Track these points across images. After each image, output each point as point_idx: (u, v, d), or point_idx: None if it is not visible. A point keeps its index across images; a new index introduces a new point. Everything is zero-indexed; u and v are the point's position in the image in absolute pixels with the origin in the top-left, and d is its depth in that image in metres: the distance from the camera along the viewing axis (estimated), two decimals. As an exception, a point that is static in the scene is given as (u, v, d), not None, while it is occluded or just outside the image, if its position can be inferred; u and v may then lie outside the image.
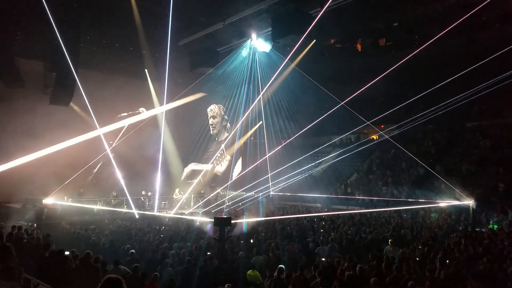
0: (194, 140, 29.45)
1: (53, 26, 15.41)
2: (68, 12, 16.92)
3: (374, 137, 30.57)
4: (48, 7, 14.61)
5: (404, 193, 22.26)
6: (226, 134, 30.96)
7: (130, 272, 7.95)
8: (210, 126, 30.84)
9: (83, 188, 22.10)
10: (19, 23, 17.51)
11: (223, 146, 30.01)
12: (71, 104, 20.48)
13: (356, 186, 26.05)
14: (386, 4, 20.23)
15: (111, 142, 22.19)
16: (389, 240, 11.47)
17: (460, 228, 15.79)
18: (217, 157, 30.10)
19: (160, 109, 24.95)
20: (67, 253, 8.49)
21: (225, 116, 31.09)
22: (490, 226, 16.13)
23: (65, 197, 19.75)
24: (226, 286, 7.00)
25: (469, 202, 16.83)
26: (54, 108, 19.89)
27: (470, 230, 14.88)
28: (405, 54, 17.41)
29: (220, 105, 31.09)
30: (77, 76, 17.87)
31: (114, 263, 8.33)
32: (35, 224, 15.10)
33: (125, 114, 24.85)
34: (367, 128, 27.58)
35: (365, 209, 20.62)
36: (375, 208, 20.26)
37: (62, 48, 16.28)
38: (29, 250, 9.46)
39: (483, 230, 15.09)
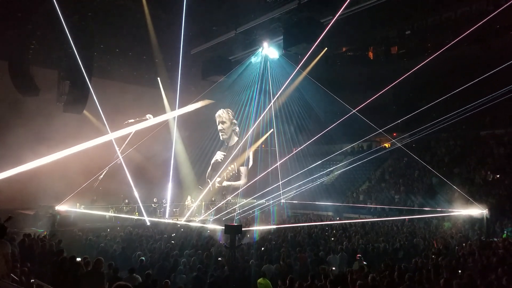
0: (206, 147, 29.55)
1: (67, 34, 15.68)
2: (82, 21, 17.21)
3: (387, 145, 30.32)
4: (62, 16, 14.90)
5: (417, 201, 21.98)
6: (236, 139, 30.87)
7: (140, 279, 7.98)
8: (219, 132, 30.70)
9: (96, 195, 22.30)
10: (34, 32, 17.88)
11: (234, 162, 30.01)
12: (85, 112, 20.73)
13: (368, 194, 25.81)
14: (398, 12, 20.19)
15: (117, 149, 22.33)
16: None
17: (475, 237, 15.51)
18: (227, 171, 30.08)
19: (168, 116, 25.14)
20: (78, 259, 8.56)
21: (234, 121, 30.99)
22: (504, 235, 15.82)
23: (78, 204, 19.93)
24: None
25: (483, 211, 16.54)
26: (68, 116, 20.16)
27: (484, 239, 14.60)
28: (418, 62, 17.31)
29: (229, 110, 30.92)
30: (90, 84, 18.11)
31: (129, 271, 8.33)
32: (47, 231, 15.20)
33: (132, 120, 25.02)
34: (379, 136, 27.38)
35: (377, 217, 20.40)
36: (387, 217, 20.03)
37: (76, 56, 16.54)
38: (41, 257, 9.57)
39: (498, 239, 14.78)
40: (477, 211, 16.82)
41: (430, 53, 18.46)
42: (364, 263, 10.03)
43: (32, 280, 7.15)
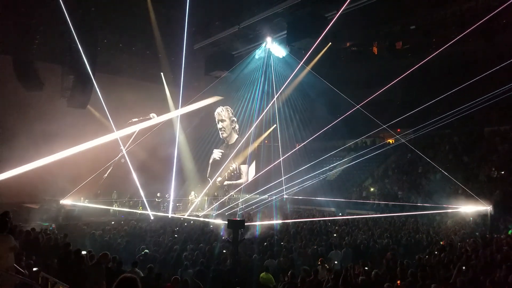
0: (209, 142, 29.58)
1: (71, 29, 15.72)
2: (86, 16, 17.21)
3: (390, 141, 30.23)
4: (66, 11, 14.92)
5: (420, 198, 21.94)
6: (236, 137, 30.76)
7: (141, 274, 8.01)
8: (219, 130, 30.53)
9: (100, 189, 22.42)
10: (38, 27, 17.90)
11: (234, 163, 29.96)
12: (88, 106, 20.80)
13: (372, 190, 25.77)
14: (403, 7, 20.05)
15: (120, 148, 22.39)
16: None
17: (477, 234, 15.47)
18: (228, 170, 30.02)
19: (172, 114, 25.18)
20: (83, 252, 8.62)
21: (233, 118, 30.86)
22: (510, 232, 15.76)
23: (82, 198, 20.05)
24: None
25: (487, 207, 16.50)
26: (72, 111, 20.23)
27: (488, 236, 14.56)
28: (422, 58, 17.20)
29: (228, 107, 30.80)
30: (94, 79, 18.15)
31: (132, 265, 8.38)
32: (53, 225, 15.31)
33: (136, 119, 25.08)
34: (383, 132, 27.30)
35: (380, 213, 20.38)
36: (390, 213, 20.01)
37: (80, 51, 16.58)
38: (47, 250, 9.65)
39: (502, 236, 14.73)
40: (481, 207, 16.79)
41: (435, 49, 18.34)
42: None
43: (34, 269, 7.24)
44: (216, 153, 30.26)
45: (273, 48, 22.08)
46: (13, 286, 5.84)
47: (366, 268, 8.60)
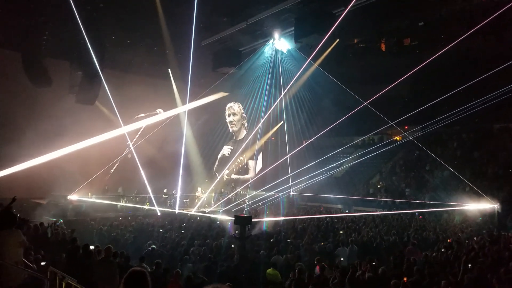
0: (216, 139, 29.63)
1: (79, 26, 15.79)
2: (94, 13, 17.27)
3: (398, 138, 30.08)
4: (75, 8, 14.99)
5: (428, 195, 21.83)
6: (244, 133, 30.86)
7: (149, 269, 8.06)
8: (229, 124, 30.68)
9: (107, 185, 22.57)
10: (46, 24, 18.00)
11: (243, 156, 29.98)
12: (97, 103, 20.90)
13: (379, 187, 25.68)
14: (411, 3, 19.87)
15: (127, 143, 22.49)
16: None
17: (484, 231, 15.38)
18: (236, 164, 30.04)
19: (178, 110, 25.23)
20: (91, 247, 8.71)
21: (244, 114, 30.99)
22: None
23: (89, 193, 20.19)
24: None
25: (495, 205, 16.39)
26: (80, 106, 20.34)
27: (495, 234, 14.47)
28: (431, 54, 17.07)
29: (239, 103, 31.03)
30: (102, 75, 18.24)
31: (140, 260, 8.45)
32: (61, 220, 15.44)
33: (143, 115, 25.15)
34: (390, 129, 27.15)
35: (387, 211, 20.32)
36: (397, 210, 19.94)
37: (88, 47, 16.67)
38: (55, 245, 9.76)
39: (509, 234, 14.64)
40: (489, 205, 16.68)
41: (444, 45, 18.18)
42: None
43: (43, 263, 7.34)
44: (226, 149, 30.38)
45: (280, 44, 22.02)
46: (22, 280, 5.92)
47: (374, 263, 8.58)
